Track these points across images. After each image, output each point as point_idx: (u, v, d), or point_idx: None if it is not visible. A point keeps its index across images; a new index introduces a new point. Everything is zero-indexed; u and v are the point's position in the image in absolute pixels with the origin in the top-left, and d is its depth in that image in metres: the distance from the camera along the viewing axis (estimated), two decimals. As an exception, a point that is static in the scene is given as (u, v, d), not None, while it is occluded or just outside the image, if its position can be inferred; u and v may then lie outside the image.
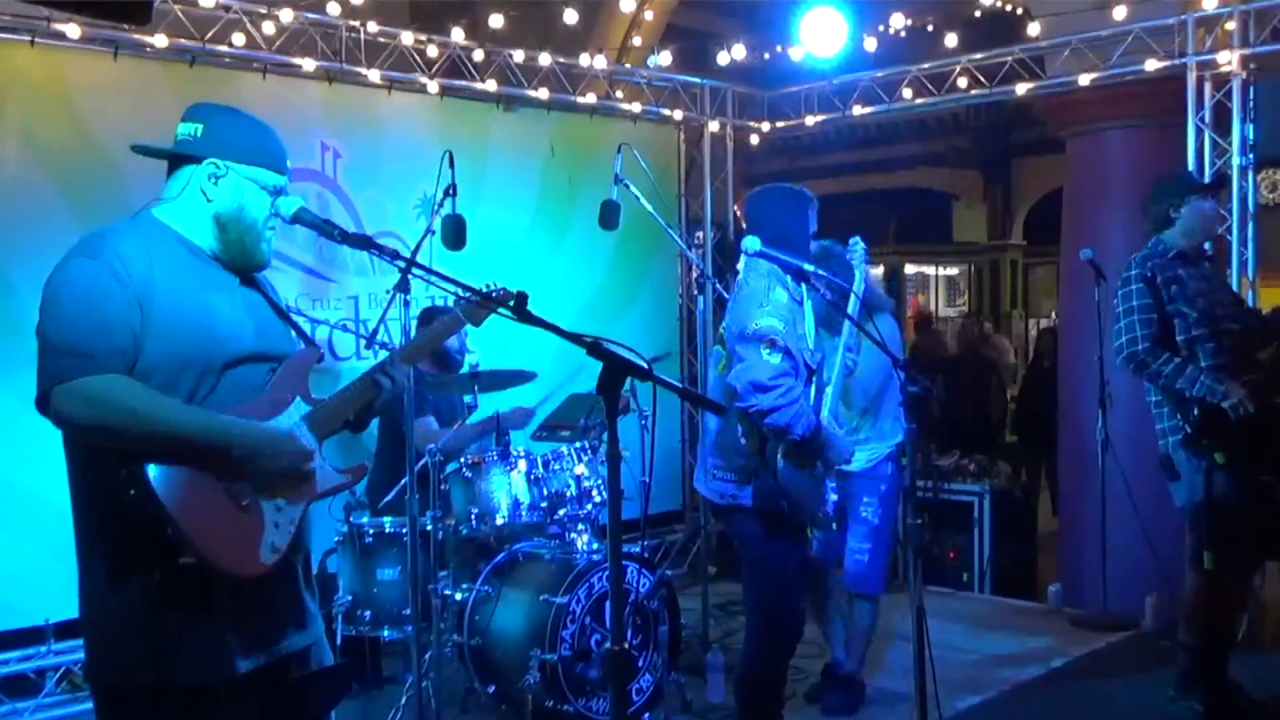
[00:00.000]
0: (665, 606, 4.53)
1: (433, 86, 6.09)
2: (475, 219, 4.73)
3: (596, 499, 4.71)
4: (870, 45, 7.50)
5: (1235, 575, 4.41)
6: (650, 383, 2.19)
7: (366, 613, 4.49)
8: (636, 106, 7.02)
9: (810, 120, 7.57)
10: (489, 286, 2.73)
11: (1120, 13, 5.99)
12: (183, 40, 5.20)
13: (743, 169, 8.49)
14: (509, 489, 4.55)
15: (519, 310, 2.24)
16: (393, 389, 2.50)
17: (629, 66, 7.78)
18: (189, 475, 2.15)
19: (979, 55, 6.76)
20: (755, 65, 9.00)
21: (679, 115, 7.33)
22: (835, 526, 3.93)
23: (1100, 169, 6.45)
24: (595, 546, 4.56)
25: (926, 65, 6.96)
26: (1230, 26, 5.81)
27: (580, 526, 4.66)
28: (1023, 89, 6.54)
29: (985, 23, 9.69)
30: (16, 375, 4.41)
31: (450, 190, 4.39)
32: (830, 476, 3.78)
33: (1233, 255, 5.82)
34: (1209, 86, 5.90)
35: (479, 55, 6.27)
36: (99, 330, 2.14)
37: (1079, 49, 6.19)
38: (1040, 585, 6.80)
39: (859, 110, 7.27)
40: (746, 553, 3.81)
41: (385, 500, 4.63)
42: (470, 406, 5.00)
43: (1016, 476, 7.90)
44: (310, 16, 5.67)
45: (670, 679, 4.56)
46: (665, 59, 8.15)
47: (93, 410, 2.11)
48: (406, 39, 5.98)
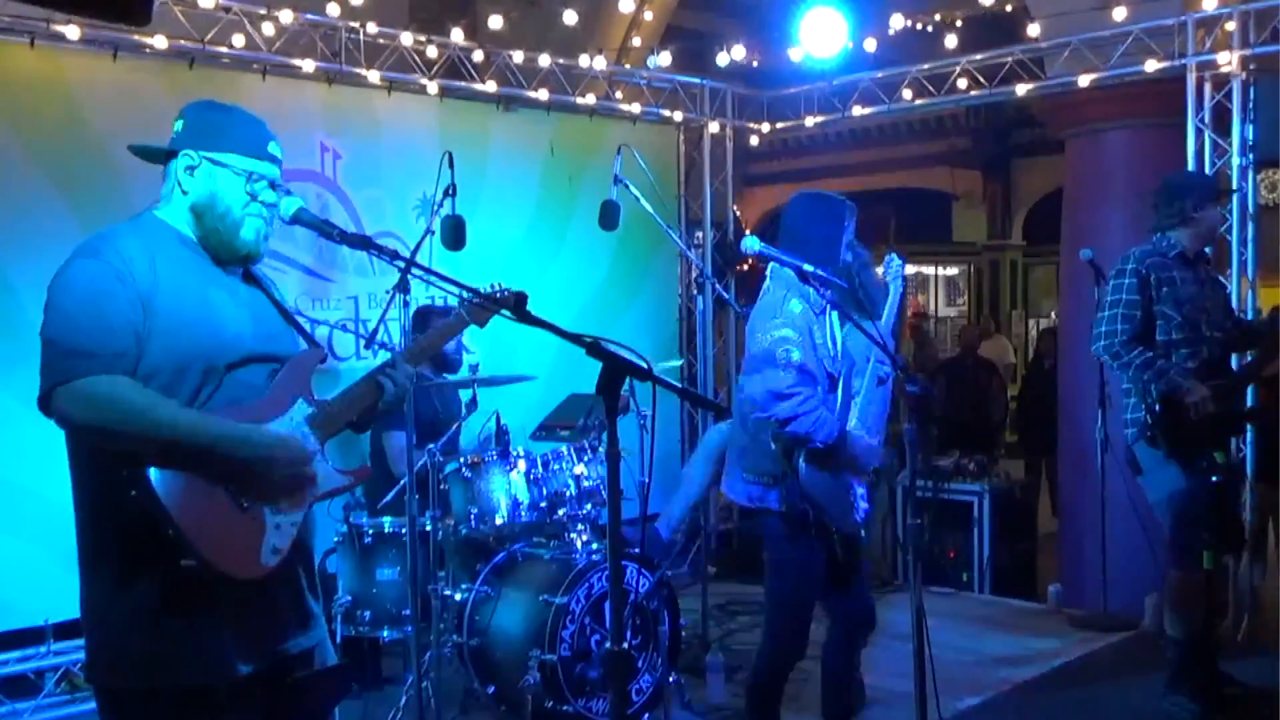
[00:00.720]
0: (665, 606, 4.53)
1: (432, 87, 6.09)
2: (475, 220, 4.73)
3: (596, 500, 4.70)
4: (870, 46, 7.50)
5: (1199, 569, 4.41)
6: (650, 383, 2.20)
7: (366, 613, 4.49)
8: (636, 107, 7.03)
9: (810, 121, 7.58)
10: (493, 287, 2.73)
11: (1120, 13, 5.98)
12: (182, 41, 5.21)
13: (742, 169, 8.49)
14: (508, 489, 4.54)
15: (519, 310, 2.25)
16: (396, 391, 2.50)
17: (629, 67, 7.79)
18: (190, 477, 2.15)
19: (979, 56, 6.76)
20: (755, 66, 9.01)
21: (679, 116, 7.34)
22: (864, 534, 3.95)
23: (1100, 169, 6.46)
24: (595, 546, 4.56)
25: (926, 66, 6.96)
26: (1230, 27, 5.80)
27: (580, 526, 4.66)
28: (1022, 89, 6.54)
29: (985, 23, 9.69)
30: (17, 375, 4.42)
31: (450, 191, 4.39)
32: (861, 483, 3.81)
33: (1232, 255, 5.82)
34: (1209, 87, 5.90)
35: (479, 56, 6.27)
36: (102, 331, 2.15)
37: (1079, 49, 6.19)
38: (1040, 585, 6.80)
39: (859, 111, 7.27)
40: (770, 554, 3.87)
41: (384, 500, 4.63)
42: (470, 406, 5.00)
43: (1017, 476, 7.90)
44: (310, 17, 5.67)
45: (670, 679, 4.56)
46: (665, 59, 8.14)
47: (94, 411, 2.11)
48: (406, 40, 5.98)
